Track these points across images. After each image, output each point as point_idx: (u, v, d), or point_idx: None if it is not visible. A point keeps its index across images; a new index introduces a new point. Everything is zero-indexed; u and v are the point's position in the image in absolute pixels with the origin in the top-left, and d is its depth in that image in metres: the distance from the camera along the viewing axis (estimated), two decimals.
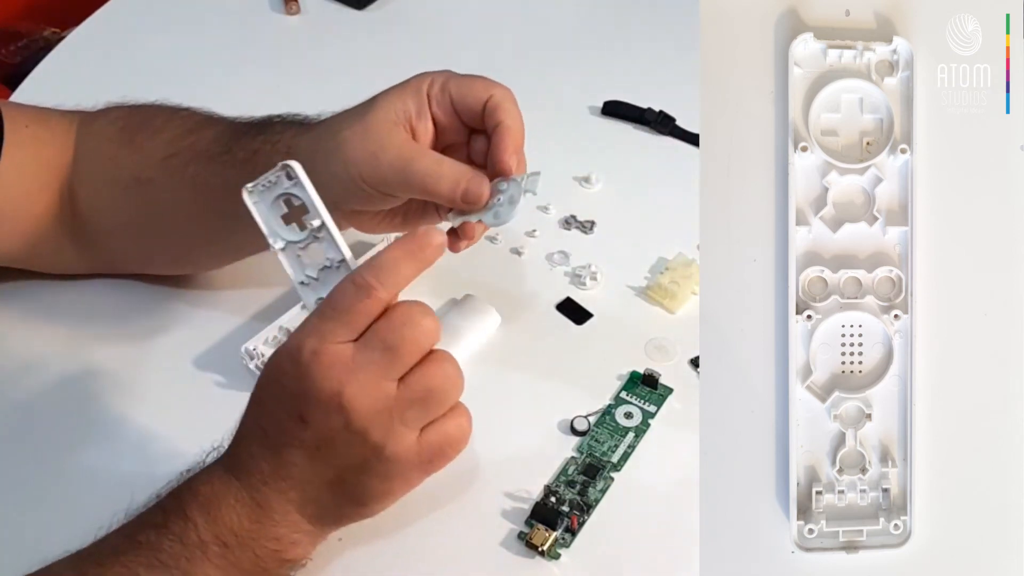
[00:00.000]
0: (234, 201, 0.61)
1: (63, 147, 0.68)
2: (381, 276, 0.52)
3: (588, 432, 0.66)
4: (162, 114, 0.69)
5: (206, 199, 0.65)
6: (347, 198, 0.61)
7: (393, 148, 0.59)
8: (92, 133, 0.69)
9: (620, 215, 0.81)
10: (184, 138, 0.67)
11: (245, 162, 0.64)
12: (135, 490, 0.57)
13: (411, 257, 0.53)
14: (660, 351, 0.71)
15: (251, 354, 0.68)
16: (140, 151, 0.67)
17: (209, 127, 0.67)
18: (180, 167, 0.66)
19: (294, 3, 1.01)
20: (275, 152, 0.63)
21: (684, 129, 0.87)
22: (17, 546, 0.59)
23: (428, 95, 0.61)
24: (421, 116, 0.60)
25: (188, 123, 0.68)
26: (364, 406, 0.52)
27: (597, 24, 1.03)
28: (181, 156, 0.66)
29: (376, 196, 0.61)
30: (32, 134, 0.68)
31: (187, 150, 0.66)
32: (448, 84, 0.61)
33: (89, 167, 0.68)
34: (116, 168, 0.68)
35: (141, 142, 0.67)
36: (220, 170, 0.64)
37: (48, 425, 0.66)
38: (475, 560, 0.60)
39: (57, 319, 0.72)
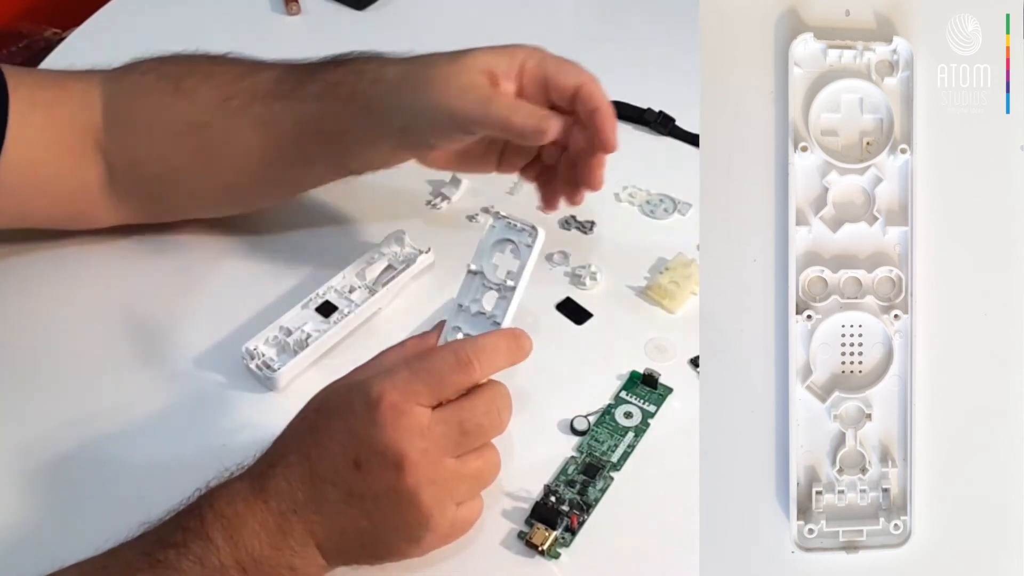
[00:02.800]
0: (304, 137, 0.65)
1: (84, 106, 0.68)
2: (481, 358, 0.55)
3: (588, 432, 0.66)
4: (204, 60, 0.69)
5: (274, 138, 0.66)
6: (426, 128, 0.63)
7: (478, 88, 0.62)
8: (124, 88, 0.69)
9: (620, 215, 0.81)
10: (239, 80, 0.67)
11: (322, 95, 0.65)
12: (134, 492, 0.57)
13: (508, 351, 0.56)
14: (660, 351, 0.71)
15: (251, 354, 0.68)
16: (189, 96, 0.67)
17: (264, 70, 0.68)
18: (241, 108, 0.66)
19: (294, 3, 1.01)
20: (361, 81, 0.64)
21: (684, 129, 0.87)
22: (16, 549, 0.59)
23: (522, 65, 0.63)
24: (507, 77, 0.63)
25: (238, 67, 0.68)
26: (423, 474, 0.53)
27: (597, 24, 1.03)
28: (240, 97, 0.66)
29: (453, 131, 0.63)
30: (49, 96, 0.68)
31: (246, 92, 0.66)
32: (545, 61, 0.63)
33: (128, 119, 0.68)
34: (164, 118, 0.67)
35: (189, 88, 0.67)
36: (290, 106, 0.65)
37: (46, 426, 0.66)
38: (475, 559, 0.60)
39: (56, 319, 0.72)
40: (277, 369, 0.67)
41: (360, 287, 0.72)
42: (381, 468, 0.52)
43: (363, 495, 0.53)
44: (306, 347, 0.68)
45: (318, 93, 0.65)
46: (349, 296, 0.71)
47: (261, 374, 0.67)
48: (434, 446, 0.53)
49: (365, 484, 0.53)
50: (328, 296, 0.71)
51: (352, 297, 0.71)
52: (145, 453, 0.64)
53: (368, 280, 0.73)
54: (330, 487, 0.53)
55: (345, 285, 0.72)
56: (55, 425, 0.66)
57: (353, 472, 0.52)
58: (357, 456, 0.52)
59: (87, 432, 0.66)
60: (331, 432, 0.53)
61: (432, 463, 0.53)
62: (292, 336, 0.68)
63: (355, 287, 0.72)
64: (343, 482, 0.53)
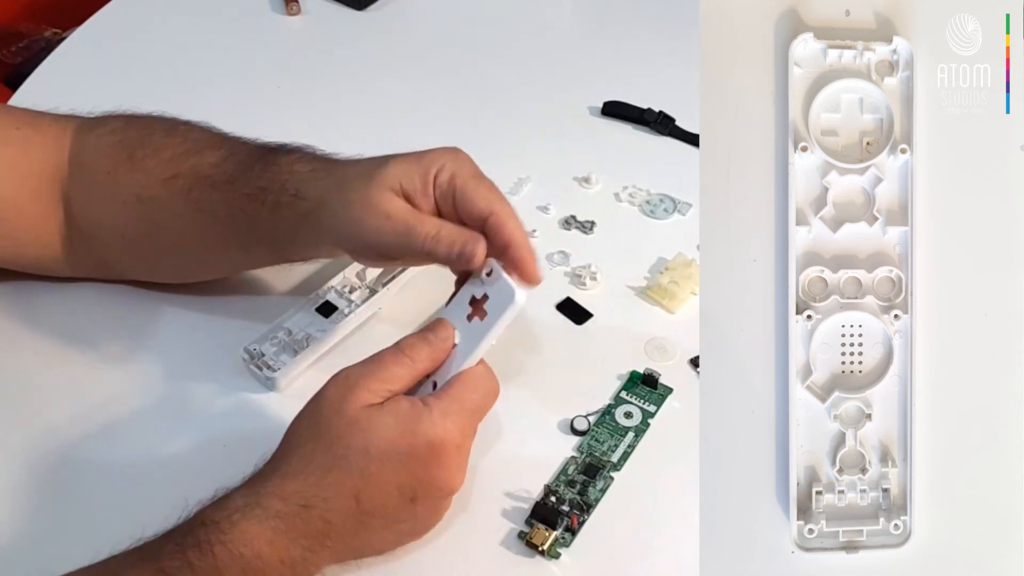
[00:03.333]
0: (240, 229, 0.65)
1: (56, 151, 0.68)
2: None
3: (588, 432, 0.66)
4: (160, 129, 0.69)
5: (211, 225, 0.66)
6: (351, 252, 0.64)
7: (396, 216, 0.60)
8: (88, 145, 0.69)
9: (620, 215, 0.81)
10: (185, 159, 0.67)
11: (251, 197, 0.64)
12: (134, 492, 0.57)
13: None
14: (660, 351, 0.71)
15: (251, 354, 0.68)
16: (140, 169, 0.67)
17: (210, 149, 0.67)
18: (183, 191, 0.66)
19: (294, 3, 1.01)
20: (283, 193, 0.63)
21: (684, 129, 0.87)
22: (13, 549, 0.59)
23: (436, 179, 0.60)
24: (424, 194, 0.61)
25: (187, 142, 0.68)
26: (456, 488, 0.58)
27: (597, 24, 1.03)
28: (183, 179, 0.66)
29: (377, 258, 0.63)
30: (23, 136, 0.68)
31: (189, 173, 0.66)
32: (455, 180, 0.60)
33: (87, 180, 0.68)
34: (115, 184, 0.67)
35: (141, 159, 0.67)
36: (224, 199, 0.65)
37: (45, 428, 0.66)
38: (475, 559, 0.60)
39: (55, 321, 0.72)
40: (277, 369, 0.67)
41: (360, 287, 0.72)
42: (436, 498, 0.57)
43: (406, 519, 0.56)
44: (306, 347, 0.68)
45: (248, 194, 0.64)
46: (349, 296, 0.71)
47: (261, 374, 0.67)
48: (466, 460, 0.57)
49: (413, 512, 0.56)
50: (328, 296, 0.71)
51: (352, 297, 0.71)
52: (145, 453, 0.64)
53: (368, 280, 0.73)
54: (376, 519, 0.55)
55: (345, 285, 0.72)
56: (55, 425, 0.66)
57: (407, 506, 0.55)
58: (415, 494, 0.55)
59: (87, 432, 0.66)
60: (388, 473, 0.54)
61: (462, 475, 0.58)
62: (292, 336, 0.68)
63: (355, 287, 0.72)
64: (392, 514, 0.55)
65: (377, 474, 0.54)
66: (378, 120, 0.89)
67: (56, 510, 0.62)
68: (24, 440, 0.65)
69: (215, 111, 0.73)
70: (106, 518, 0.55)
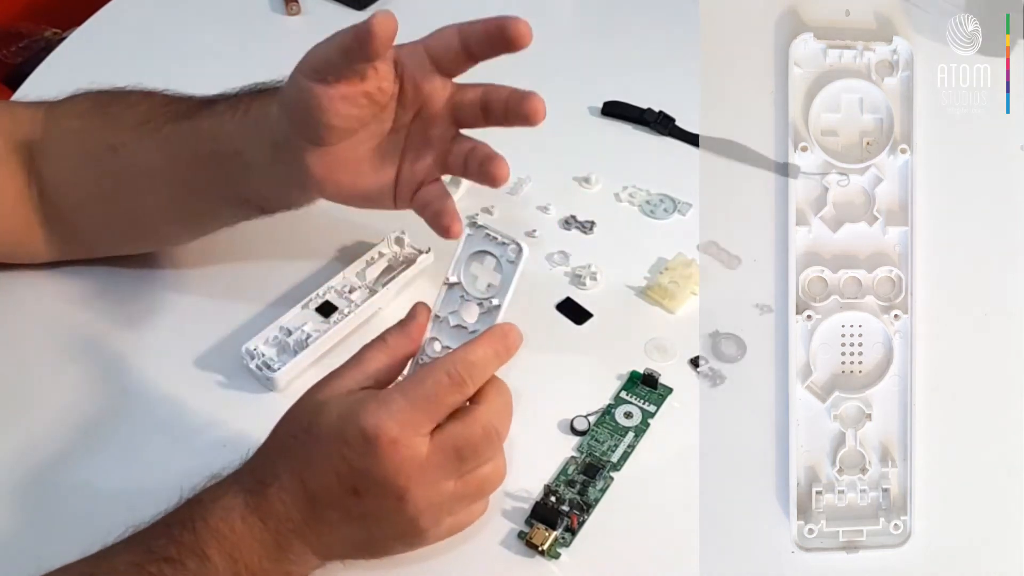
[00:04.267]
0: (202, 159, 0.63)
1: (28, 134, 0.68)
2: (473, 373, 0.54)
3: (588, 432, 0.66)
4: (138, 92, 0.69)
5: (174, 159, 0.65)
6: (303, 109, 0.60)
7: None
8: (61, 112, 0.69)
9: (620, 215, 0.81)
10: (163, 107, 0.67)
11: (224, 112, 0.64)
12: (134, 492, 0.57)
13: (498, 356, 0.55)
14: (660, 351, 0.71)
15: (251, 354, 0.68)
16: (113, 120, 0.67)
17: (192, 99, 0.67)
18: (154, 130, 0.65)
19: (294, 3, 1.01)
20: (256, 98, 0.63)
21: (684, 129, 0.87)
22: (10, 552, 0.59)
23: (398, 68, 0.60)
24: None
25: (168, 98, 0.68)
26: (423, 500, 0.53)
27: (597, 24, 1.03)
28: (156, 120, 0.66)
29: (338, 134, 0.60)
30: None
31: (162, 115, 0.66)
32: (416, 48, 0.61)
33: (58, 142, 0.68)
34: (87, 138, 0.67)
35: (116, 113, 0.67)
36: (194, 124, 0.64)
37: (44, 426, 0.66)
38: (475, 560, 0.60)
39: (54, 319, 0.72)
40: (277, 369, 0.67)
41: (360, 287, 0.72)
42: (382, 497, 0.52)
43: (363, 515, 0.53)
44: (306, 347, 0.68)
45: (221, 111, 0.64)
46: (349, 296, 0.71)
47: (261, 374, 0.67)
48: (434, 474, 0.53)
49: (364, 506, 0.53)
50: (328, 296, 0.71)
51: (352, 297, 0.71)
52: (144, 453, 0.64)
53: (368, 280, 0.73)
54: (329, 510, 0.53)
55: (345, 285, 0.72)
56: (52, 424, 0.66)
57: (352, 498, 0.53)
58: (355, 485, 0.52)
59: (85, 432, 0.66)
60: (325, 457, 0.53)
61: (432, 490, 0.53)
62: (292, 336, 0.68)
63: (355, 287, 0.72)
64: (342, 506, 0.53)
65: (317, 457, 0.53)
66: None
67: (54, 510, 0.62)
68: (20, 439, 0.65)
69: None
70: (104, 518, 0.55)
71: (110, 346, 0.70)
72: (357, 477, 0.52)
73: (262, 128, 0.62)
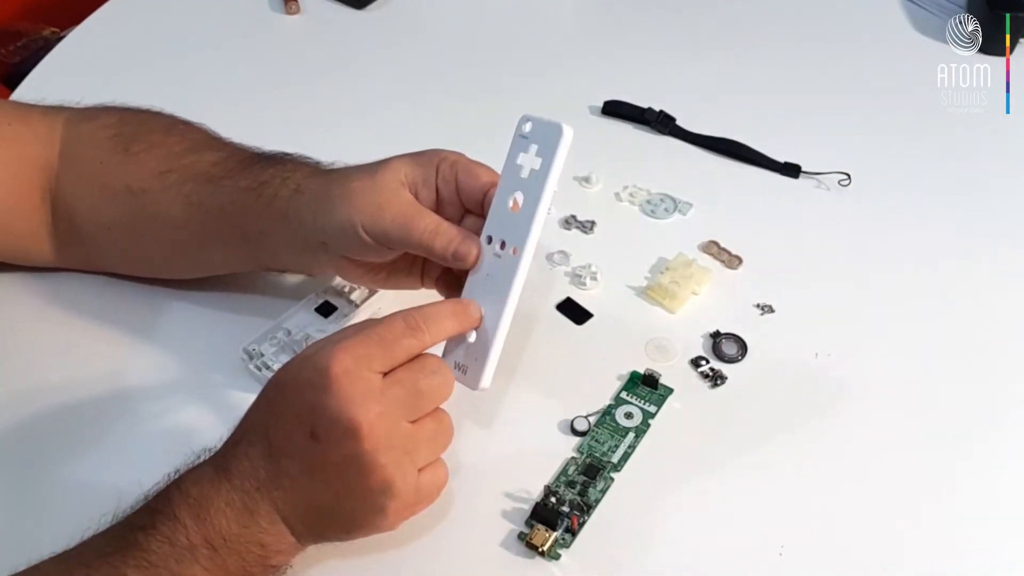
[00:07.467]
0: (228, 223, 0.65)
1: (47, 145, 0.69)
2: (429, 324, 0.56)
3: (588, 432, 0.66)
4: (158, 128, 0.69)
5: (199, 218, 0.66)
6: (346, 245, 0.63)
7: (398, 205, 0.61)
8: (82, 137, 0.69)
9: (620, 215, 0.81)
10: (183, 156, 0.67)
11: (248, 190, 0.65)
12: (134, 492, 0.57)
13: (455, 317, 0.57)
14: (660, 351, 0.71)
15: (251, 354, 0.68)
16: (134, 162, 0.67)
17: (210, 150, 0.68)
18: (176, 184, 0.66)
19: (294, 3, 1.01)
20: (284, 187, 0.64)
21: (684, 129, 0.87)
22: (5, 546, 0.59)
23: (437, 169, 0.62)
24: (427, 185, 0.62)
25: (186, 141, 0.68)
26: (380, 439, 0.53)
27: (597, 24, 1.03)
28: (178, 173, 0.67)
29: (373, 247, 0.62)
30: (14, 132, 0.69)
31: (185, 168, 0.67)
32: (457, 165, 0.62)
33: (78, 171, 0.68)
34: (107, 175, 0.68)
35: (136, 153, 0.68)
36: (218, 192, 0.66)
37: (43, 425, 0.66)
38: (475, 560, 0.60)
39: (54, 318, 0.72)
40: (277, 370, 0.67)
41: (360, 287, 0.72)
42: (337, 437, 0.52)
43: (323, 465, 0.53)
44: (305, 347, 0.68)
45: (245, 188, 0.65)
46: (348, 296, 0.71)
47: (261, 374, 0.67)
48: (388, 410, 0.53)
49: (323, 454, 0.53)
50: (328, 296, 0.71)
51: (352, 297, 0.71)
52: (144, 453, 0.64)
53: None
54: (289, 461, 0.53)
55: (344, 285, 0.72)
56: (51, 423, 0.66)
57: (310, 443, 0.53)
58: (313, 426, 0.53)
59: (85, 431, 0.66)
60: (287, 405, 0.54)
61: (388, 427, 0.53)
62: (292, 336, 0.68)
63: (355, 287, 0.72)
64: (302, 454, 0.53)
65: (280, 402, 0.54)
66: (378, 119, 0.89)
67: (53, 510, 0.62)
68: (20, 438, 0.65)
69: (214, 110, 0.73)
70: (101, 519, 0.55)
71: (110, 346, 0.70)
72: (314, 417, 0.52)
73: (293, 226, 0.64)
